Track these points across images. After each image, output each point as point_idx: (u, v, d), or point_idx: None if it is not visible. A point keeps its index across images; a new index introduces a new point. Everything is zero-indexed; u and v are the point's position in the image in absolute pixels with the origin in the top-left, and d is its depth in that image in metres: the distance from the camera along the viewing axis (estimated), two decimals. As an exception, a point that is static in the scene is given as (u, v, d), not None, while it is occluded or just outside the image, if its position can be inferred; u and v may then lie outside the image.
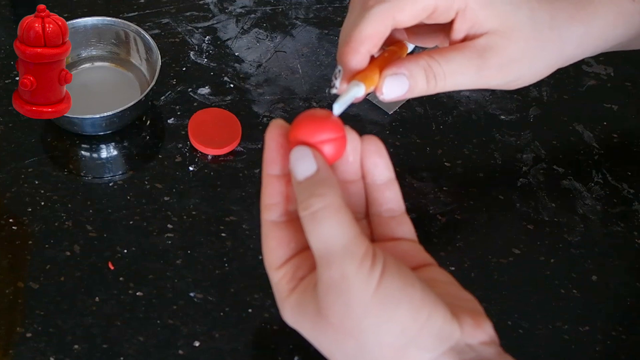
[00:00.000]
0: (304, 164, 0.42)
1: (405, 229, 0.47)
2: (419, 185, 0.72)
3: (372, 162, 0.46)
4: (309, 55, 0.81)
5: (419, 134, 0.76)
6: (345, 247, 0.40)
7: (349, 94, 0.45)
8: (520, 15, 0.50)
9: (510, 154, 0.75)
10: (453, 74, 0.49)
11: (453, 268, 0.67)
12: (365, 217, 0.47)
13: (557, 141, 0.76)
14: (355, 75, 0.47)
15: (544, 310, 0.65)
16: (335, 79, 0.48)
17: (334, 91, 0.48)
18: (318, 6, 0.86)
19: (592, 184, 0.73)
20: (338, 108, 0.44)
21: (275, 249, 0.45)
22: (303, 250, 0.45)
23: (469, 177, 0.73)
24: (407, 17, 0.48)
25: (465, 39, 0.50)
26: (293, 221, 0.45)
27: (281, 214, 0.45)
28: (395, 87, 0.47)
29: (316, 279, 0.42)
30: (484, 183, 0.73)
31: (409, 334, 0.41)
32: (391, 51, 0.50)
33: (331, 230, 0.40)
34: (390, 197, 0.46)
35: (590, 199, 0.72)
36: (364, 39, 0.47)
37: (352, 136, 0.46)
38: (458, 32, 0.50)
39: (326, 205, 0.41)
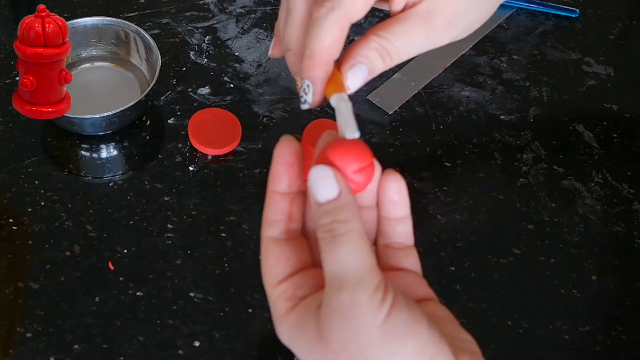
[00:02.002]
0: (325, 186, 0.42)
1: (412, 261, 0.47)
2: (419, 185, 0.72)
3: (388, 200, 0.45)
4: (309, 55, 0.81)
5: (419, 134, 0.76)
6: (360, 276, 0.40)
7: (346, 111, 0.44)
8: None
9: (510, 154, 0.75)
10: (405, 47, 0.49)
11: (453, 268, 0.67)
12: (374, 244, 0.47)
13: (557, 141, 0.76)
14: (329, 89, 0.47)
15: (544, 310, 0.65)
16: (306, 94, 0.47)
17: (306, 107, 0.47)
18: (318, 6, 0.86)
19: (592, 184, 0.73)
20: (356, 133, 0.43)
21: (274, 266, 0.44)
22: (303, 268, 0.45)
23: (469, 177, 0.73)
24: (360, 14, 0.48)
25: (406, 6, 0.49)
26: (294, 239, 0.45)
27: (282, 232, 0.45)
28: (357, 78, 0.47)
29: (321, 300, 0.42)
30: (484, 183, 0.73)
31: None
32: None
33: (350, 257, 0.40)
34: (401, 232, 0.46)
35: (590, 199, 0.72)
36: (327, 50, 0.46)
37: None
38: (397, 3, 0.49)
39: (349, 230, 0.41)
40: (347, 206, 0.41)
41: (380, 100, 0.78)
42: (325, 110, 0.75)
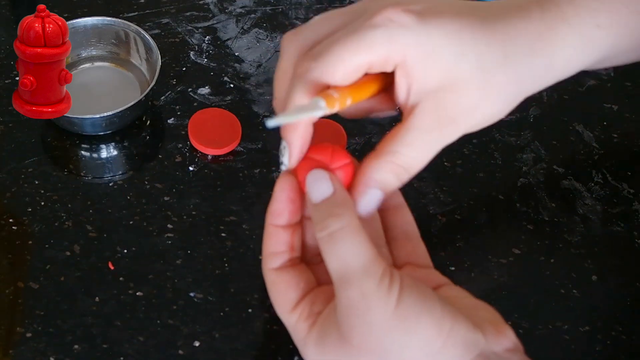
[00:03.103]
0: (321, 187, 0.42)
1: (421, 252, 0.47)
2: (419, 185, 0.72)
3: None
4: (309, 55, 0.81)
5: (419, 134, 0.76)
6: (363, 267, 0.40)
7: (307, 111, 0.43)
8: (466, 63, 0.45)
9: (510, 154, 0.75)
10: (419, 156, 0.46)
11: (453, 268, 0.67)
12: (386, 245, 0.47)
13: (557, 141, 0.76)
14: (321, 92, 0.45)
15: (544, 310, 0.65)
16: (283, 155, 0.46)
17: (283, 168, 0.46)
18: (318, 6, 0.86)
19: (592, 184, 0.73)
20: (274, 121, 0.42)
21: (285, 292, 0.45)
22: (312, 289, 0.45)
23: (469, 177, 0.73)
24: (341, 79, 0.44)
25: (409, 96, 0.46)
26: (296, 265, 0.45)
27: (284, 262, 0.45)
28: (371, 203, 0.45)
29: (335, 304, 0.42)
30: (484, 183, 0.73)
31: (434, 346, 0.41)
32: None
33: (349, 251, 0.40)
34: (402, 219, 0.46)
35: (590, 199, 0.72)
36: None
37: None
38: (401, 88, 0.46)
39: (344, 225, 0.41)
40: (342, 201, 0.42)
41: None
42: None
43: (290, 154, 0.45)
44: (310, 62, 0.44)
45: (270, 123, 0.42)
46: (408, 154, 0.45)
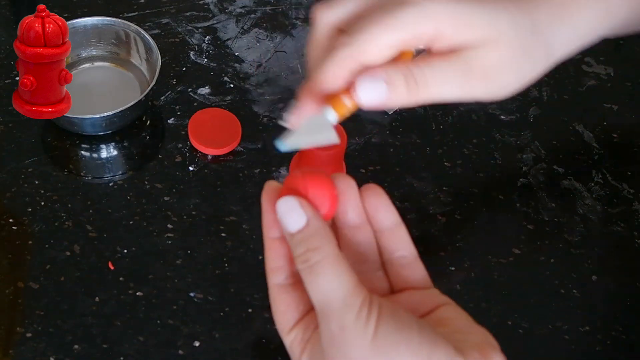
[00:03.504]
0: (293, 216, 0.42)
1: (419, 275, 0.47)
2: (419, 185, 0.72)
3: (372, 207, 0.45)
4: (309, 55, 0.81)
5: (419, 134, 0.76)
6: (343, 299, 0.40)
7: (318, 120, 0.44)
8: (500, 24, 0.47)
9: (510, 154, 0.75)
10: (436, 81, 0.46)
11: (453, 268, 0.67)
12: (381, 267, 0.47)
13: (557, 141, 0.76)
14: (328, 100, 0.46)
15: (544, 310, 0.65)
16: (289, 111, 0.47)
17: (282, 124, 0.47)
18: (318, 6, 0.86)
19: (592, 184, 0.73)
20: (288, 144, 0.43)
21: (284, 313, 0.45)
22: (310, 310, 0.45)
23: (469, 177, 0.73)
24: (374, 57, 0.45)
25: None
26: (299, 282, 0.45)
27: (287, 277, 0.45)
28: (372, 91, 0.45)
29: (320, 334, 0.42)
30: (484, 183, 0.73)
31: None
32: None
33: (329, 283, 0.41)
34: (398, 242, 0.46)
35: (590, 199, 0.72)
36: (322, 81, 0.46)
37: (347, 182, 0.45)
38: (441, 46, 0.47)
39: (322, 257, 0.41)
40: (317, 233, 0.42)
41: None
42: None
43: (292, 112, 0.46)
44: (346, 39, 0.45)
45: (282, 147, 0.43)
46: (424, 71, 0.46)
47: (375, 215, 0.46)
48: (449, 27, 0.46)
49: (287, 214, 0.43)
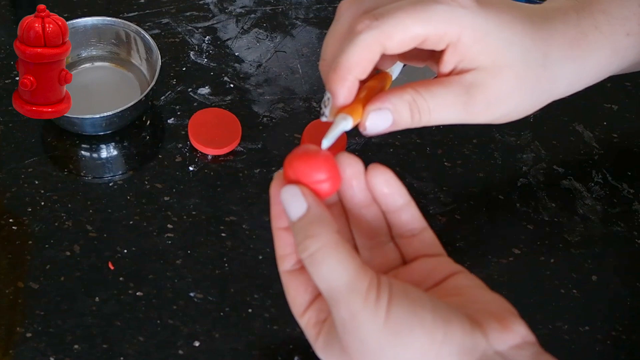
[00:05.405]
0: (294, 204, 0.42)
1: (429, 243, 0.47)
2: (419, 185, 0.72)
3: (380, 194, 0.45)
4: (309, 55, 0.81)
5: (419, 134, 0.76)
6: (348, 285, 0.40)
7: (337, 129, 0.45)
8: (512, 52, 0.48)
9: (510, 154, 0.75)
10: (438, 109, 0.47)
11: (453, 268, 0.67)
12: (392, 239, 0.47)
13: (557, 141, 0.76)
14: (342, 108, 0.46)
15: (544, 310, 0.65)
16: (325, 107, 0.47)
17: (324, 119, 0.47)
18: (318, 6, 0.86)
19: (592, 184, 0.73)
20: (327, 143, 0.44)
21: (295, 297, 0.45)
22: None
23: (469, 177, 0.73)
24: (396, 45, 0.46)
25: (453, 71, 0.48)
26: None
27: (294, 263, 0.45)
28: (379, 122, 0.46)
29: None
30: (484, 183, 0.73)
31: (429, 356, 0.40)
32: (379, 78, 0.49)
33: (331, 271, 0.40)
34: (407, 219, 0.46)
35: (590, 199, 0.72)
36: (352, 66, 0.45)
37: (352, 161, 0.45)
38: (447, 64, 0.48)
39: (321, 245, 0.41)
40: (317, 220, 0.42)
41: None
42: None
43: (332, 106, 0.46)
44: (372, 21, 0.45)
45: (326, 144, 0.44)
46: (427, 101, 0.47)
47: (383, 200, 0.46)
48: (470, 38, 0.46)
49: (289, 202, 0.43)
